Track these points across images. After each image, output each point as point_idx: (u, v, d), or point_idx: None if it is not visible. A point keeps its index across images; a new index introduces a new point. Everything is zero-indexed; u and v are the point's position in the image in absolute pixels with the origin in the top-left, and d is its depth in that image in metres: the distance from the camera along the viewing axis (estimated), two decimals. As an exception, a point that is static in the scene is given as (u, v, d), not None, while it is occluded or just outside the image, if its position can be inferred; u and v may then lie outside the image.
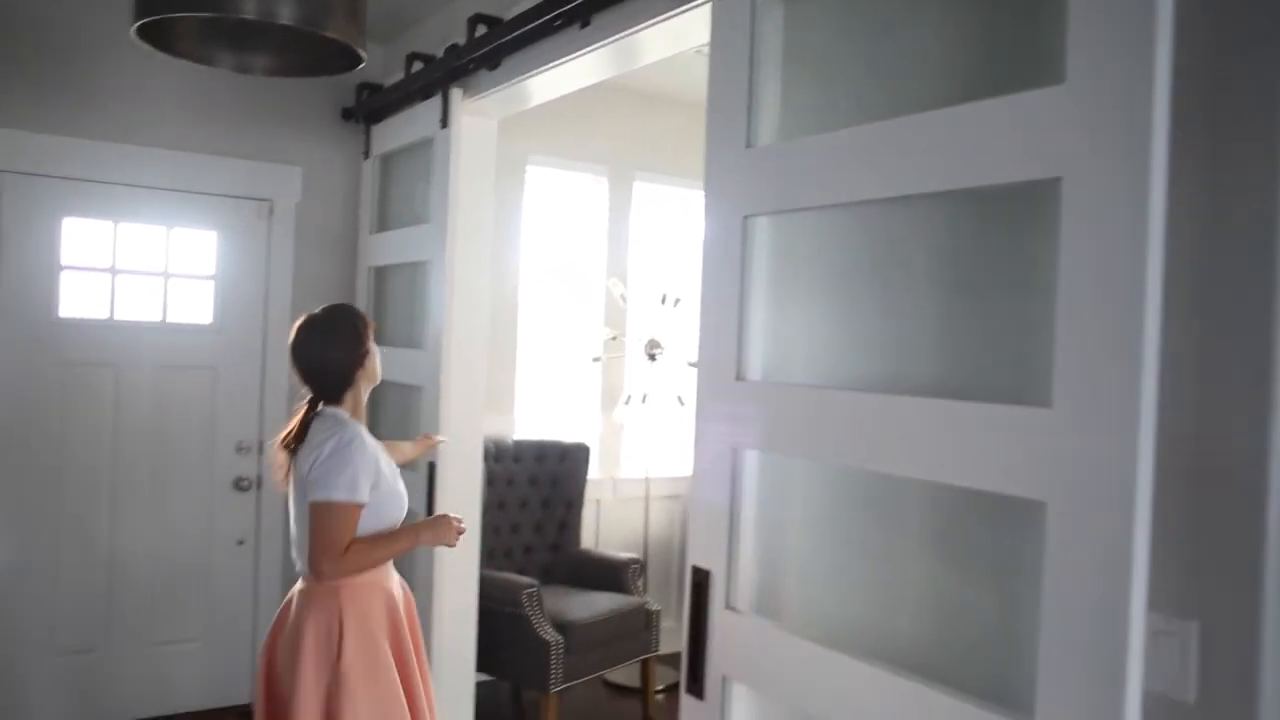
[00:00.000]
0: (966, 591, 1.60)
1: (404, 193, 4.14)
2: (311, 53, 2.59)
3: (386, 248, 4.12)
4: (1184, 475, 1.28)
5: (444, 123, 3.57)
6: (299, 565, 2.55)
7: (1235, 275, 1.26)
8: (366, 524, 2.45)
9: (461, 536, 2.64)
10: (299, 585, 2.55)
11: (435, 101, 3.64)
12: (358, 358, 2.55)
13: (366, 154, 4.29)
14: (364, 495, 2.40)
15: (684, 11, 2.44)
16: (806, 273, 1.87)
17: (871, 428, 1.54)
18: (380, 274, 4.26)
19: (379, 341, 2.74)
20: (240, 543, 4.23)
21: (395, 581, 2.63)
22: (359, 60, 2.35)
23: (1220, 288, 1.27)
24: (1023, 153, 1.34)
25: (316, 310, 2.64)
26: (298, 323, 2.61)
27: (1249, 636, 1.22)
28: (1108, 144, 1.23)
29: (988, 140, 1.38)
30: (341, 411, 2.53)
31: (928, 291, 1.69)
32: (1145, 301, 1.18)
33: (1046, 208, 1.33)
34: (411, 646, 2.59)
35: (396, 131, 4.02)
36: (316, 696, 2.37)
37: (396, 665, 2.49)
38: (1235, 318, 1.25)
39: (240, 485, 4.20)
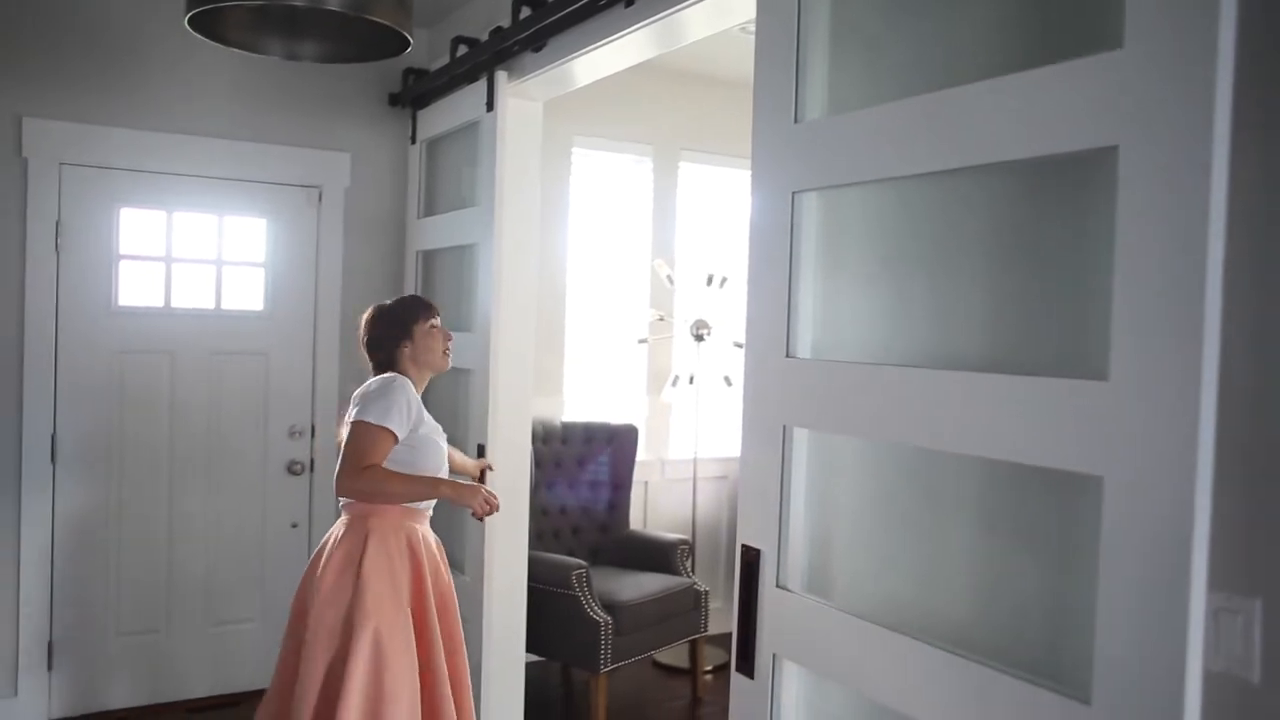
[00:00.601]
0: (1020, 568, 1.58)
1: (450, 177, 4.17)
2: (359, 39, 2.61)
3: (434, 232, 4.15)
4: (1245, 449, 1.25)
5: (489, 106, 3.58)
6: None
7: (1301, 244, 1.22)
8: (401, 463, 2.69)
9: (493, 514, 2.80)
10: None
11: (480, 85, 3.65)
12: (396, 338, 2.85)
13: (413, 139, 4.32)
14: (396, 425, 2.65)
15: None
16: (855, 248, 1.85)
17: (922, 404, 1.53)
18: (428, 258, 4.29)
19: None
20: (294, 526, 4.30)
21: (423, 533, 2.84)
22: (406, 44, 2.36)
23: (1284, 257, 1.23)
24: (1078, 121, 1.31)
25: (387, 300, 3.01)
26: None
27: (1315, 613, 1.19)
28: (1167, 111, 1.20)
29: (1041, 109, 1.36)
30: (398, 377, 2.80)
31: (979, 265, 1.66)
32: (1205, 272, 1.15)
33: (1101, 177, 1.30)
34: (433, 599, 2.77)
35: (442, 116, 4.05)
36: (333, 604, 2.63)
37: (413, 607, 2.70)
38: (1301, 287, 1.22)
39: (293, 469, 4.27)
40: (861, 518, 1.83)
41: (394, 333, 2.86)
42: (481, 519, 2.82)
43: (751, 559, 1.83)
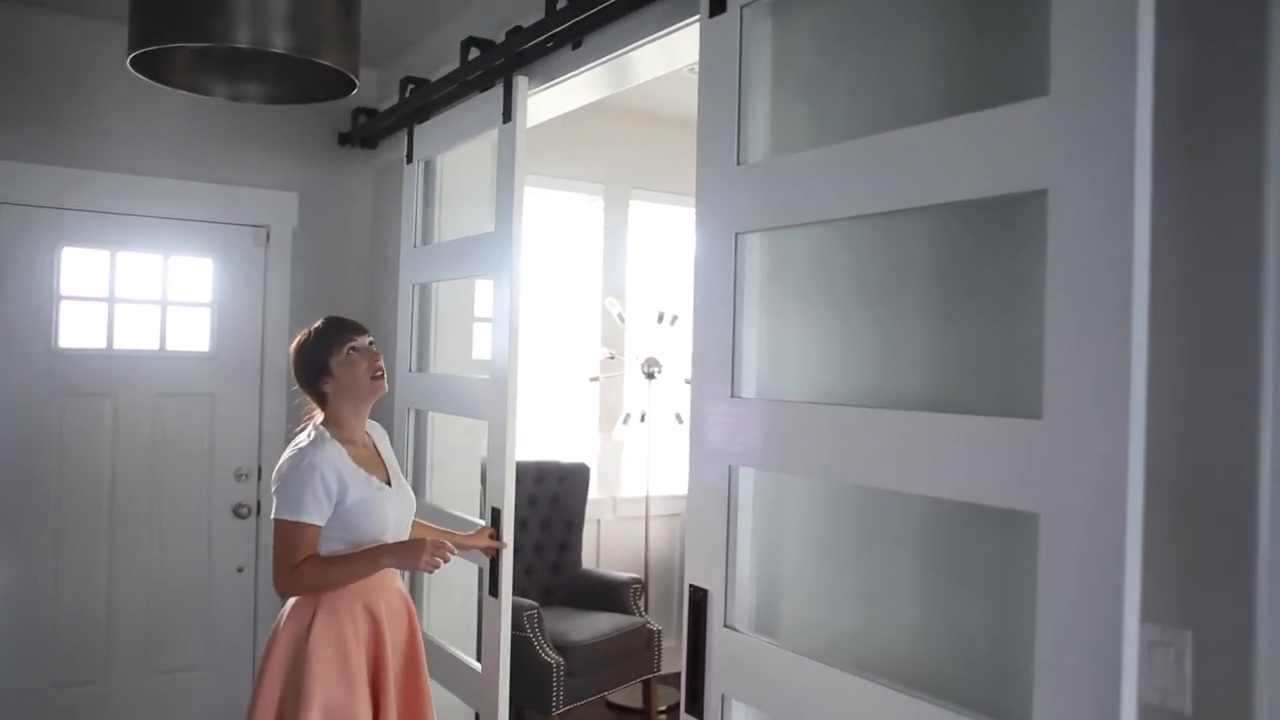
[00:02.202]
0: (963, 605, 1.60)
1: (398, 208, 4.15)
2: (305, 80, 2.60)
3: (435, 262, 3.67)
4: (1174, 484, 1.29)
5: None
6: None
7: (1220, 283, 1.26)
8: (337, 540, 2.45)
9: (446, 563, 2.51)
10: None
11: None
12: (316, 378, 2.55)
13: (409, 157, 3.80)
14: (312, 515, 2.39)
15: (675, 31, 2.45)
16: (799, 289, 1.87)
17: (864, 443, 1.55)
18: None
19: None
20: (240, 570, 4.21)
21: (386, 597, 2.56)
22: (352, 86, 2.36)
23: (1205, 296, 1.28)
24: (1009, 166, 1.35)
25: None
26: None
27: (1243, 644, 1.21)
28: (1092, 156, 1.23)
29: (974, 154, 1.39)
30: (317, 428, 2.53)
31: (920, 305, 1.70)
32: (1132, 312, 1.19)
33: (1035, 220, 1.34)
34: (400, 666, 2.57)
35: (441, 133, 3.67)
36: (276, 685, 2.43)
37: (374, 682, 2.48)
38: (1221, 326, 1.26)
39: (239, 513, 4.20)
40: (808, 557, 1.84)
41: (312, 372, 2.56)
42: (434, 570, 2.52)
43: (699, 599, 1.83)
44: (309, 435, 2.51)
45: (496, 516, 2.92)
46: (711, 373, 1.84)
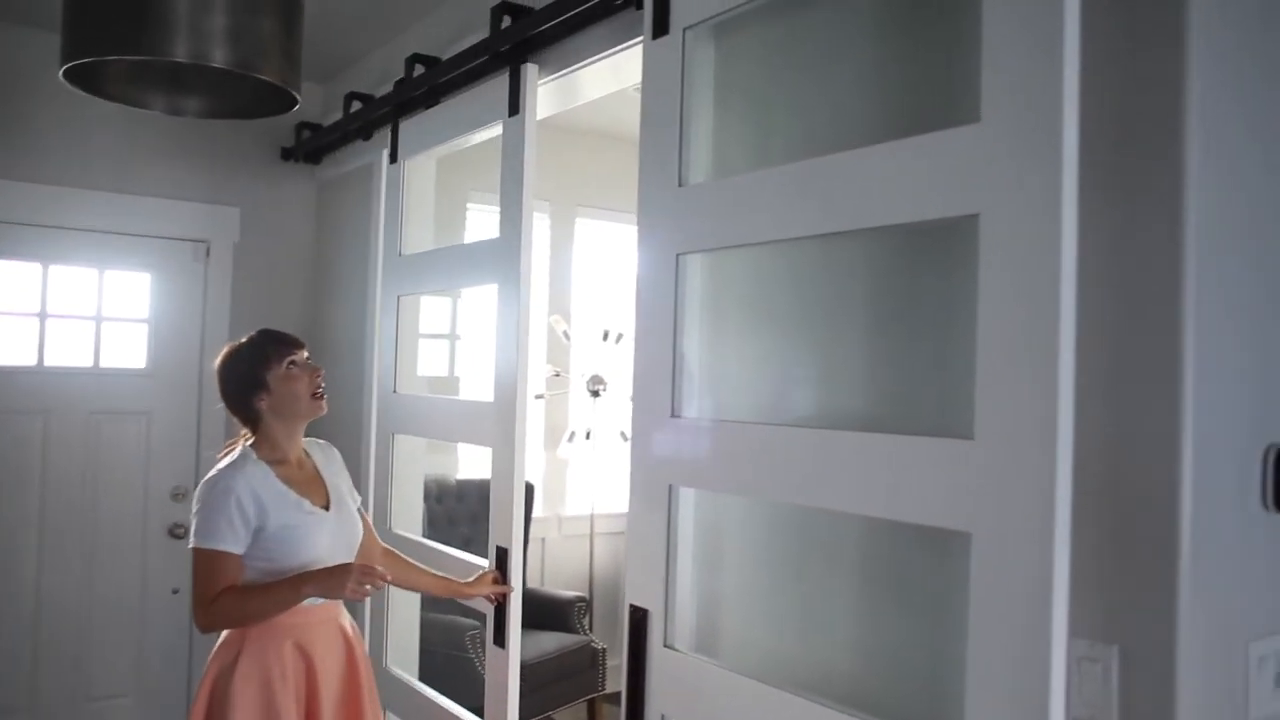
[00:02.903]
0: (900, 623, 1.62)
1: (343, 223, 4.12)
2: (246, 94, 2.57)
3: (427, 271, 3.30)
4: (1102, 502, 1.31)
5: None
6: None
7: (1144, 306, 1.30)
8: (260, 570, 2.25)
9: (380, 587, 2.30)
10: None
11: (385, 134, 3.65)
12: (248, 394, 2.35)
13: (393, 157, 3.44)
14: (226, 542, 2.20)
15: (620, 51, 2.47)
16: (740, 309, 1.89)
17: (802, 463, 1.56)
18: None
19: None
20: (175, 591, 4.12)
21: (324, 634, 2.35)
22: (294, 102, 2.34)
23: (1131, 318, 1.31)
24: (943, 190, 1.38)
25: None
26: None
27: (1166, 659, 1.24)
28: (1021, 181, 1.27)
29: (910, 177, 1.42)
30: (242, 451, 2.36)
31: (859, 326, 1.72)
32: (1059, 334, 1.22)
33: (969, 243, 1.37)
34: (336, 707, 2.37)
35: (431, 129, 3.32)
36: None
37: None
38: (1145, 348, 1.29)
39: (175, 533, 4.11)
40: (748, 576, 1.85)
41: (244, 388, 2.35)
42: (363, 599, 2.31)
43: (639, 619, 1.83)
44: (228, 460, 2.34)
45: (502, 557, 2.66)
46: (652, 392, 1.84)
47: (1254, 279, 1.38)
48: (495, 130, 2.83)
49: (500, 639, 2.65)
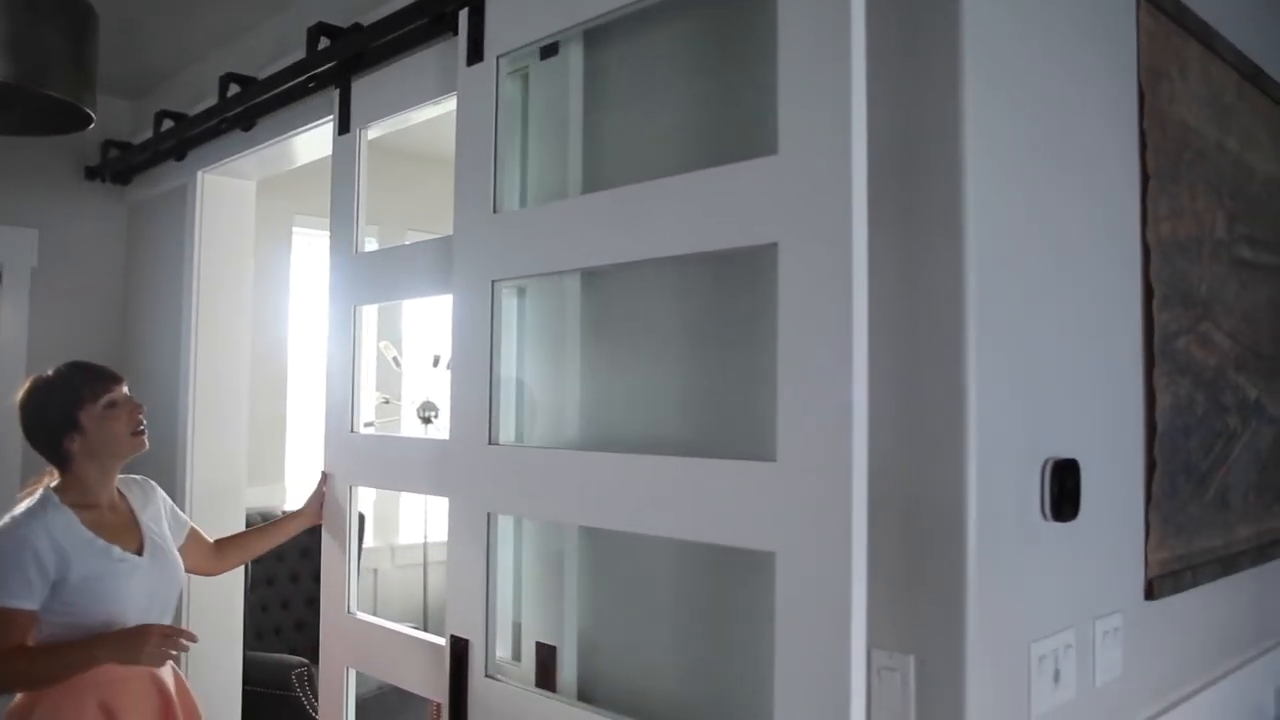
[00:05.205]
0: (716, 643, 1.65)
1: (157, 248, 3.92)
2: (37, 111, 2.42)
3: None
4: (896, 520, 1.38)
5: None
6: None
7: (930, 329, 1.37)
8: (61, 625, 2.05)
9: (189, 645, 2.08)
10: None
11: (191, 160, 3.49)
12: (57, 434, 2.14)
13: (346, 128, 2.63)
14: (18, 598, 1.99)
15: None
16: (555, 336, 1.89)
17: (615, 487, 1.57)
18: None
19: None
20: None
21: (134, 690, 2.13)
22: (89, 119, 2.22)
23: (916, 346, 1.38)
24: (744, 219, 1.42)
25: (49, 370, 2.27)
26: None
27: (955, 663, 1.31)
28: (815, 211, 1.32)
29: (713, 207, 1.46)
30: (43, 494, 2.15)
31: (673, 353, 1.75)
32: (853, 360, 1.27)
33: (772, 272, 1.41)
34: None
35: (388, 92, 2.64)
36: None
37: None
38: (931, 373, 1.36)
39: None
40: (568, 601, 1.85)
41: (53, 427, 2.14)
42: (164, 663, 2.11)
43: (460, 649, 1.80)
44: (26, 504, 2.13)
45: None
46: (470, 419, 1.83)
47: (1026, 307, 1.48)
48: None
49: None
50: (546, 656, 1.84)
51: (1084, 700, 1.57)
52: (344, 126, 2.54)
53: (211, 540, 2.50)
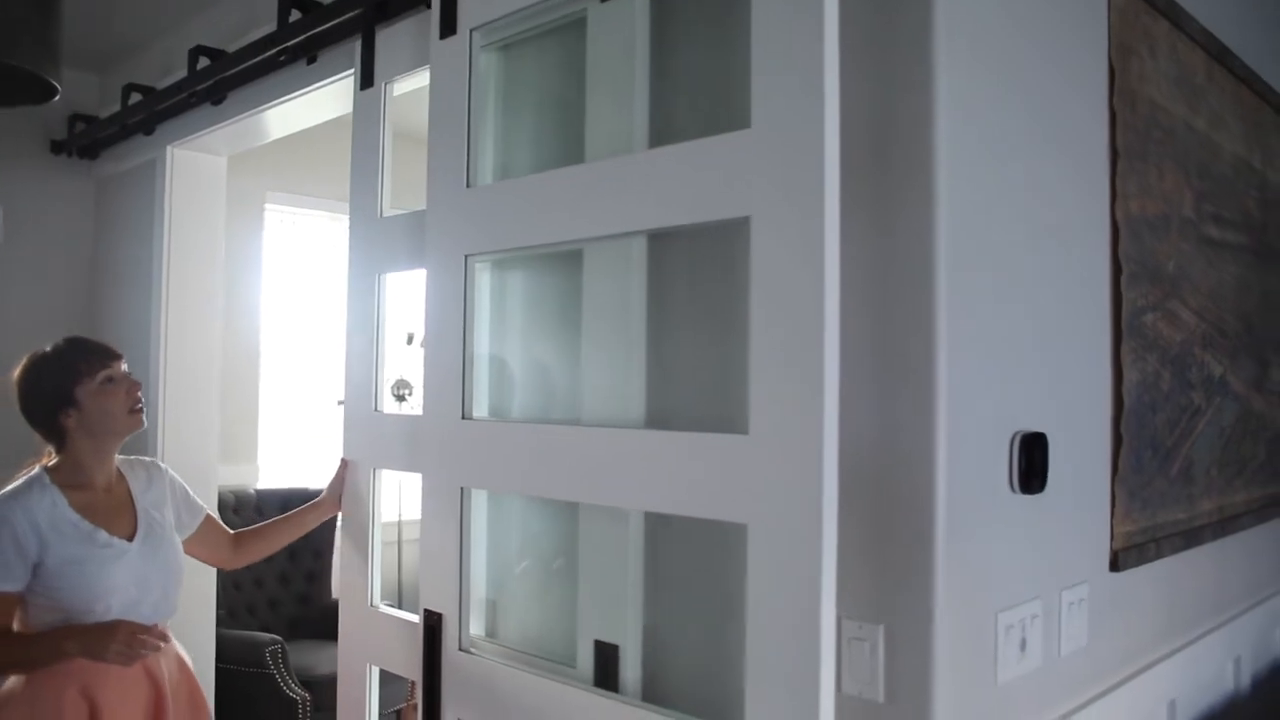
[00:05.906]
0: (689, 616, 1.66)
1: (126, 222, 3.88)
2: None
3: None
4: (867, 492, 1.39)
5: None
6: None
7: (901, 302, 1.38)
8: (45, 609, 2.00)
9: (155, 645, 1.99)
10: None
11: (158, 135, 3.45)
12: (54, 411, 2.07)
13: (369, 81, 2.47)
14: None
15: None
16: (530, 310, 1.89)
17: (587, 461, 1.58)
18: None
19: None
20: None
21: (120, 677, 2.03)
22: (53, 91, 2.19)
23: (889, 314, 1.39)
24: (718, 193, 1.42)
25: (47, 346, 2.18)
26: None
27: (924, 636, 1.33)
28: (788, 185, 1.32)
29: (685, 182, 1.46)
30: (34, 474, 2.09)
31: (645, 326, 1.75)
32: (824, 332, 1.28)
33: (745, 245, 1.42)
34: None
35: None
36: None
37: None
38: (902, 347, 1.37)
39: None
40: (542, 576, 1.86)
41: (51, 404, 2.08)
42: (132, 663, 1.99)
43: (434, 624, 1.80)
44: (17, 482, 2.07)
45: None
46: (443, 394, 1.82)
47: (996, 282, 1.49)
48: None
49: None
50: (514, 631, 1.85)
51: (1049, 669, 1.60)
52: (367, 80, 2.37)
53: (232, 532, 2.42)
